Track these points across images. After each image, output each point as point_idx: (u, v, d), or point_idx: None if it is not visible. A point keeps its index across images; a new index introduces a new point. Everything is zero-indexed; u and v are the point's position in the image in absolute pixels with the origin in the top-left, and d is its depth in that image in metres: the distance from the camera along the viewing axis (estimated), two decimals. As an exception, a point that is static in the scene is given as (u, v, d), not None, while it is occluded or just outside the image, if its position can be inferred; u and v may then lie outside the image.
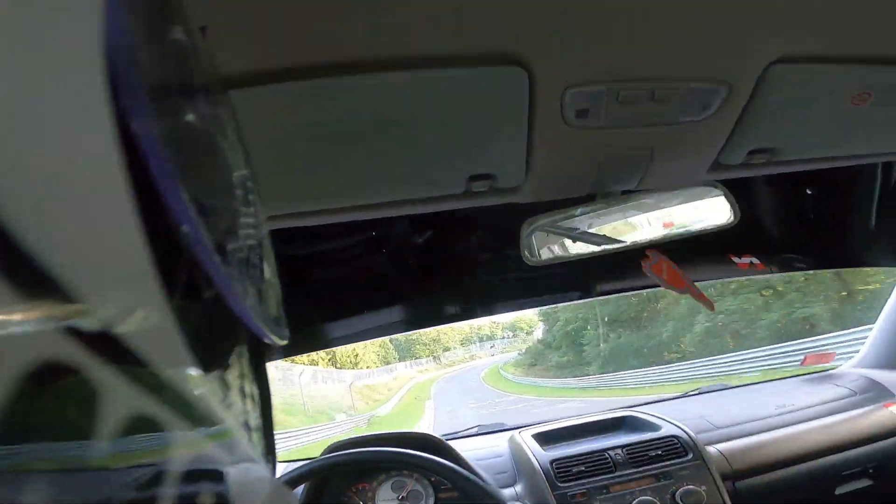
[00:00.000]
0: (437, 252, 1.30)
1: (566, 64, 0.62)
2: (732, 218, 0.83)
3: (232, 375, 0.29)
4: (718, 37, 0.62)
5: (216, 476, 0.23)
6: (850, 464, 1.21)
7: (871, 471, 1.22)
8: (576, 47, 0.60)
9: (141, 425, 0.17)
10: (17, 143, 0.12)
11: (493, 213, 0.95)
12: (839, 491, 1.21)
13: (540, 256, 0.86)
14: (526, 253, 0.85)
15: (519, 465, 1.27)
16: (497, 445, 1.36)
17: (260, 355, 0.35)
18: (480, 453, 1.32)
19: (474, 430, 1.54)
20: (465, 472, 1.03)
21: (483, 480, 1.06)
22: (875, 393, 1.36)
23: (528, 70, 0.61)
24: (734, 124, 0.75)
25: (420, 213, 0.84)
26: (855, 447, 1.22)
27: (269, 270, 0.32)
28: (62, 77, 0.14)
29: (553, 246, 0.87)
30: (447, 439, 1.42)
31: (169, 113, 0.19)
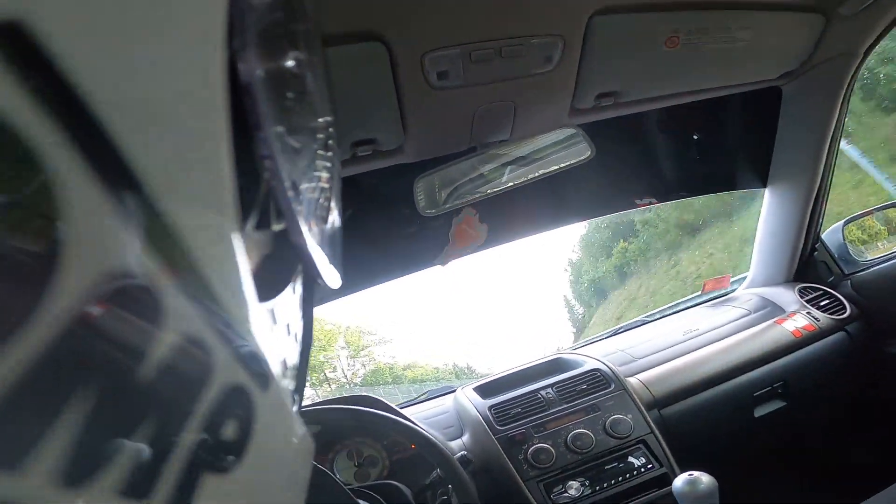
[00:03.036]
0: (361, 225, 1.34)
1: (420, 33, 0.70)
2: (590, 153, 0.96)
3: (282, 310, 0.28)
4: None
5: (245, 400, 0.22)
6: (760, 384, 1.28)
7: (779, 390, 1.30)
8: (427, 16, 0.68)
9: (194, 340, 0.17)
10: (140, 66, 0.13)
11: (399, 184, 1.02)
12: (758, 413, 1.29)
13: (432, 207, 0.96)
14: (420, 204, 0.95)
15: (463, 418, 1.34)
16: (443, 404, 1.43)
17: (310, 296, 0.34)
18: (428, 413, 1.39)
19: (423, 397, 1.60)
20: (413, 425, 1.07)
21: (432, 434, 1.10)
22: (768, 310, 1.47)
23: (386, 43, 0.69)
24: (577, 73, 0.87)
25: None
26: (759, 366, 1.29)
27: (335, 214, 0.32)
28: (187, 19, 0.15)
29: (443, 194, 0.97)
30: (401, 407, 1.47)
31: (273, 55, 0.20)
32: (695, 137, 1.47)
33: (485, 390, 1.42)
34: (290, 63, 0.22)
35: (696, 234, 9.68)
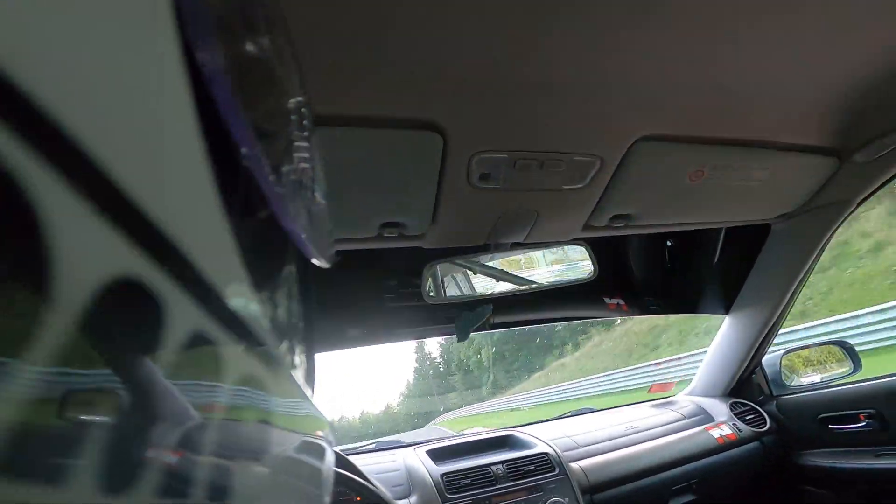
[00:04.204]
0: (346, 282, 1.34)
1: (476, 134, 0.72)
2: (593, 272, 1.00)
3: (281, 294, 0.28)
4: (598, 117, 0.74)
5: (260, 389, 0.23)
6: (679, 479, 1.40)
7: (694, 486, 1.42)
8: (485, 120, 0.70)
9: (193, 337, 0.16)
10: (92, 64, 0.12)
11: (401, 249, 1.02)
12: (671, 503, 1.40)
13: (437, 295, 0.96)
14: (427, 291, 0.95)
15: (413, 479, 1.34)
16: (393, 460, 1.42)
17: (308, 278, 0.35)
18: (378, 467, 1.38)
19: (373, 447, 1.59)
20: (367, 483, 1.07)
21: (381, 492, 1.10)
22: (700, 417, 1.64)
23: (444, 136, 0.70)
24: (602, 193, 0.91)
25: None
26: (683, 464, 1.42)
27: (319, 192, 0.32)
28: (135, 9, 0.15)
29: (448, 286, 0.98)
30: (349, 454, 1.44)
31: (233, 43, 0.20)
32: (674, 255, 1.57)
33: (437, 454, 1.43)
34: (251, 47, 0.22)
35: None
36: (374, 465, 1.38)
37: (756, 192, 1.02)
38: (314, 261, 0.31)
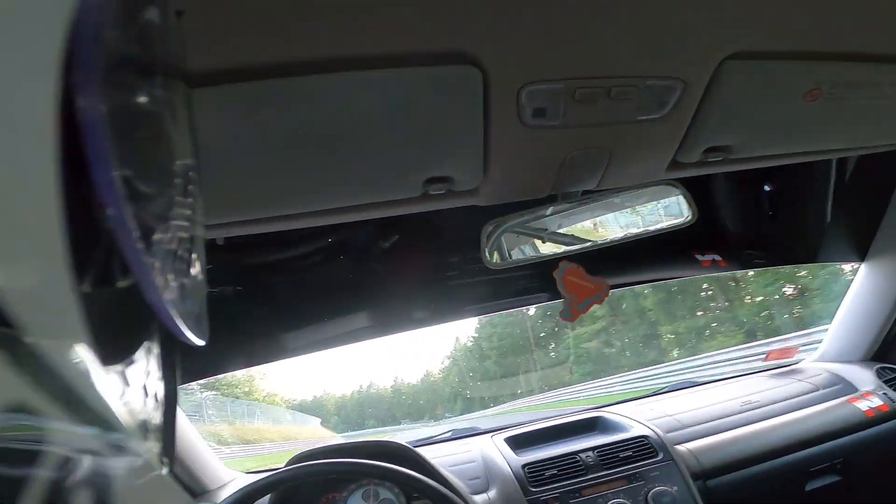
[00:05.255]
0: (404, 256, 1.27)
1: (522, 62, 0.61)
2: (690, 217, 0.84)
3: (135, 371, 0.28)
4: (673, 32, 0.62)
5: (96, 469, 0.21)
6: (818, 460, 1.23)
7: (838, 466, 1.25)
8: (531, 45, 0.59)
9: (20, 408, 0.16)
10: None
11: (459, 215, 0.93)
12: (809, 487, 1.23)
13: (500, 259, 0.84)
14: (486, 256, 0.83)
15: (491, 471, 1.26)
16: (470, 450, 1.35)
17: (171, 354, 0.34)
18: (453, 459, 1.31)
19: (448, 435, 1.53)
20: (432, 483, 1.00)
21: (453, 489, 1.04)
22: (838, 387, 1.41)
23: (483, 69, 0.60)
24: (690, 122, 0.76)
25: (377, 217, 0.82)
26: (821, 442, 1.25)
27: (197, 266, 0.31)
28: (17, 42, 0.14)
29: (514, 248, 0.86)
30: (420, 445, 1.40)
31: (122, 90, 0.19)
32: (778, 199, 1.34)
33: (517, 442, 1.34)
34: (142, 100, 0.22)
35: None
36: (448, 457, 1.31)
37: (891, 111, 0.86)
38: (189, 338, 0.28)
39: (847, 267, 1.68)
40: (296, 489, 1.16)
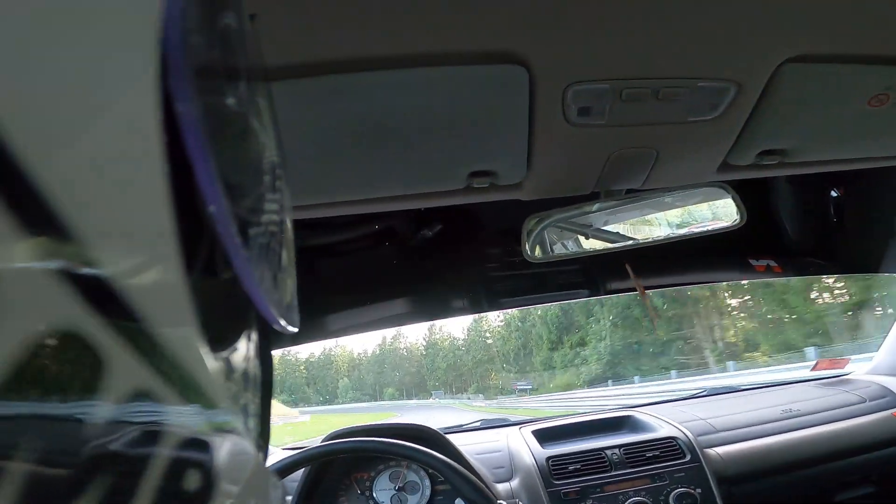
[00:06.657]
0: (447, 245, 1.30)
1: (568, 63, 0.61)
2: (739, 220, 0.82)
3: (238, 358, 0.29)
4: (727, 35, 0.60)
5: (204, 450, 0.22)
6: (853, 470, 1.19)
7: (874, 478, 1.20)
8: (578, 47, 0.59)
9: (137, 394, 0.17)
10: (70, 105, 0.13)
11: (503, 208, 0.94)
12: (839, 497, 1.19)
13: (542, 253, 0.86)
14: (527, 249, 0.85)
15: (516, 461, 1.27)
16: (498, 440, 1.37)
17: (267, 341, 0.35)
18: (480, 447, 1.33)
19: (478, 424, 1.55)
20: (458, 467, 1.02)
21: (477, 476, 1.05)
22: (886, 400, 1.34)
23: (529, 68, 0.61)
24: (743, 124, 0.74)
25: (422, 207, 0.84)
26: (859, 454, 1.20)
27: (287, 258, 0.32)
28: (119, 54, 0.15)
29: (555, 244, 0.87)
30: (449, 432, 1.44)
31: (211, 95, 0.20)
32: (844, 207, 1.27)
33: (544, 435, 1.36)
34: (230, 101, 0.22)
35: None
36: (476, 445, 1.33)
37: None
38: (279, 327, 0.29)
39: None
40: (329, 465, 1.22)
